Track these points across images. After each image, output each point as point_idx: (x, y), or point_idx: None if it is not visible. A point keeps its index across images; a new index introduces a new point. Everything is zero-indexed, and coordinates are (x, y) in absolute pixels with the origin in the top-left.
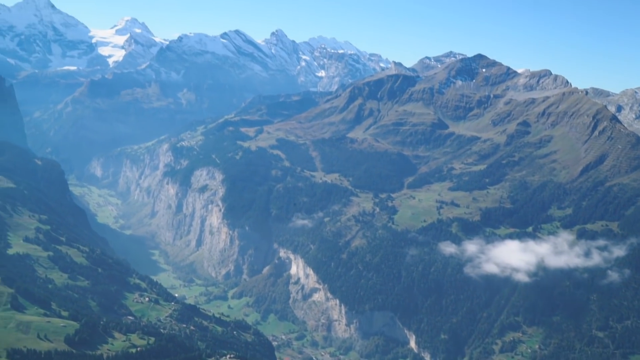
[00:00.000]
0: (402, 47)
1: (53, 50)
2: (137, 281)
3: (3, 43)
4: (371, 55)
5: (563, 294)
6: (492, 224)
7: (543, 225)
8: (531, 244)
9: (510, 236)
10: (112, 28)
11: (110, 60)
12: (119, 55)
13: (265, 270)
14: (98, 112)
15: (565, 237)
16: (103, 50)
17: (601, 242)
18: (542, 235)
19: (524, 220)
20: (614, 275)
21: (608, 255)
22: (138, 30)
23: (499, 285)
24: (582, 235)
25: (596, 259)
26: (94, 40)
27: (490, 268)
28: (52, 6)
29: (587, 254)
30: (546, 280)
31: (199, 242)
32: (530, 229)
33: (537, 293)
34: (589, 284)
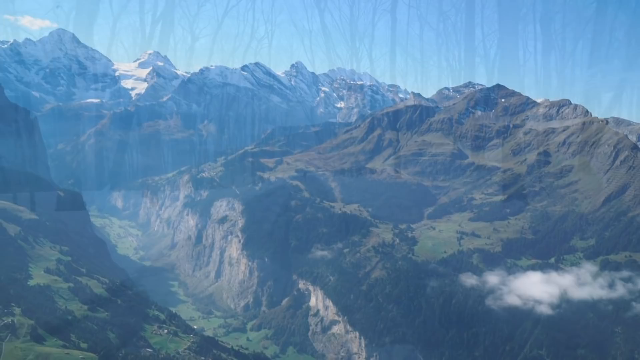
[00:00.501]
0: (420, 78)
1: (77, 83)
2: (156, 313)
3: (28, 77)
4: (390, 86)
5: (587, 326)
6: (514, 255)
7: (565, 256)
8: (554, 275)
9: (532, 267)
10: (135, 61)
11: (133, 93)
12: (141, 87)
13: (285, 301)
14: (120, 144)
15: (588, 268)
16: (126, 83)
17: (625, 273)
18: (565, 267)
19: (546, 251)
20: (638, 307)
21: (632, 287)
22: (160, 64)
23: (522, 318)
24: (605, 266)
25: (620, 290)
26: (117, 74)
27: (512, 300)
28: (77, 40)
29: (611, 286)
30: (569, 313)
31: (218, 274)
32: (552, 260)
33: (560, 326)
34: (613, 316)
